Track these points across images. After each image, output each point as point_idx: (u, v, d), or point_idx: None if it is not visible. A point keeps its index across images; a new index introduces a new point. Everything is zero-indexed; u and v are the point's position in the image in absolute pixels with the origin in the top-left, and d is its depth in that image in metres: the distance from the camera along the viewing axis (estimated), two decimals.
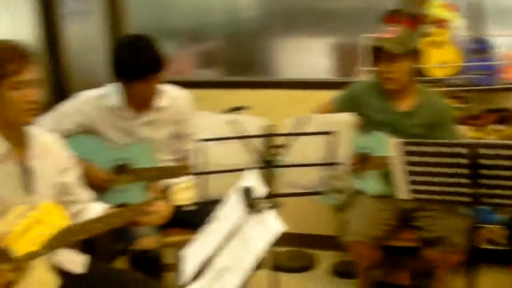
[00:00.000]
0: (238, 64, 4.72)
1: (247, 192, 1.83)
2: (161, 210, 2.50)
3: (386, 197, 3.17)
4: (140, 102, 3.18)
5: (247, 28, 4.66)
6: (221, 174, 2.43)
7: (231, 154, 2.41)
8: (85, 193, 2.65)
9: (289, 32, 4.54)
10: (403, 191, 2.77)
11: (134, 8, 4.57)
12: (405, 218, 3.26)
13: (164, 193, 2.52)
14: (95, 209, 2.62)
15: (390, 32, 3.38)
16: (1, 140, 2.30)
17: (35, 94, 2.27)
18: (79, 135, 3.18)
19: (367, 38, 3.64)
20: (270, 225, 1.66)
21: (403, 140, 2.70)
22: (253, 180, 1.89)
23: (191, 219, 2.70)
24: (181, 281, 1.86)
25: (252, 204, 1.78)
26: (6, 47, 2.26)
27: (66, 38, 3.98)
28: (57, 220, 1.89)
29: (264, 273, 2.70)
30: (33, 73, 2.26)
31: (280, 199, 2.56)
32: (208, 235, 1.96)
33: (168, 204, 2.50)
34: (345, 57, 4.39)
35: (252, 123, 2.60)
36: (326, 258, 4.21)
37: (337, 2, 4.38)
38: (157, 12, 4.73)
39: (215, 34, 4.72)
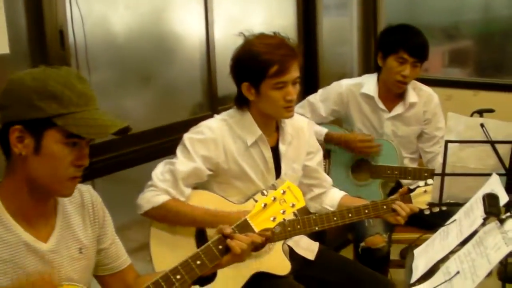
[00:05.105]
0: (488, 65, 4.55)
1: (489, 198, 1.76)
2: (404, 210, 2.48)
3: None
4: (393, 89, 3.18)
5: (499, 28, 4.48)
6: (460, 177, 2.36)
7: (473, 157, 2.32)
8: (327, 178, 2.73)
9: None
10: None
11: (389, 3, 4.57)
12: None
13: (404, 195, 2.51)
14: (335, 195, 2.69)
15: None
16: (255, 128, 2.41)
17: (295, 92, 2.33)
18: (323, 124, 3.28)
19: None
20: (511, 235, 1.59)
21: None
22: (496, 187, 1.83)
23: (427, 218, 2.65)
24: (411, 279, 1.85)
25: (493, 211, 1.72)
26: (274, 44, 2.30)
27: (321, 30, 4.09)
28: (294, 201, 1.96)
29: (490, 282, 2.58)
30: (295, 72, 2.32)
31: None
32: (443, 237, 1.93)
33: (412, 207, 2.49)
34: None
35: (498, 128, 2.47)
36: None
37: None
38: (411, 8, 4.72)
39: (467, 33, 4.60)
